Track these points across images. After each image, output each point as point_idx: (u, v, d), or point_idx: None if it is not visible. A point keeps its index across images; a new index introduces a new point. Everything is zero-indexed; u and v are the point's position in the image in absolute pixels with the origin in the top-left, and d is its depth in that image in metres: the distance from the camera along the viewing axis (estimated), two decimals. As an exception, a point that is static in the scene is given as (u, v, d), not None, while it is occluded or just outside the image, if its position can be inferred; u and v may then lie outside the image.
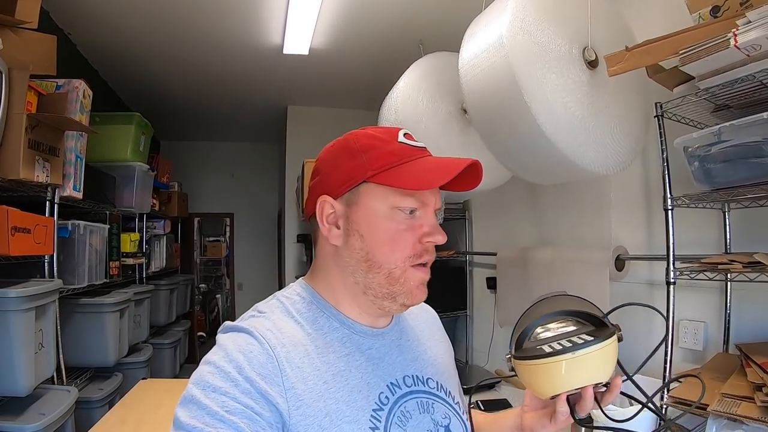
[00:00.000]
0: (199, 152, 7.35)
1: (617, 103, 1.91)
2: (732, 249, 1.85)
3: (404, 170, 0.88)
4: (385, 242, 0.89)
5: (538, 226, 3.10)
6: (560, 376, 0.84)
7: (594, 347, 0.83)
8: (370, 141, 0.92)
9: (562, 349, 0.84)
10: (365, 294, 0.92)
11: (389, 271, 0.89)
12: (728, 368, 1.67)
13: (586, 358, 0.83)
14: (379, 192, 0.89)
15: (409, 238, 0.89)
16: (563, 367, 0.83)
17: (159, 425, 2.22)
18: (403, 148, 0.91)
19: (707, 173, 1.59)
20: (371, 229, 0.89)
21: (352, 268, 0.92)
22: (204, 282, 9.38)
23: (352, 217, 0.91)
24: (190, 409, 0.75)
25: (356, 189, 0.90)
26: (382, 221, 0.89)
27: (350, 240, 0.91)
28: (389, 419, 0.87)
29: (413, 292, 0.91)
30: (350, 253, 0.91)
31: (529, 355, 0.88)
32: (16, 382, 2.09)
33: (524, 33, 1.75)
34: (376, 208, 0.89)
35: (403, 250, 0.89)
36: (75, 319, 3.02)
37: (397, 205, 0.89)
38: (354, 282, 0.92)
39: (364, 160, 0.90)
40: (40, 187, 2.46)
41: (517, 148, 1.94)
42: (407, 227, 0.89)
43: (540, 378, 0.87)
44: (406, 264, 0.89)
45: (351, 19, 3.45)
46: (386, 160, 0.89)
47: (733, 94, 1.57)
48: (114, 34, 3.64)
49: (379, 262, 0.89)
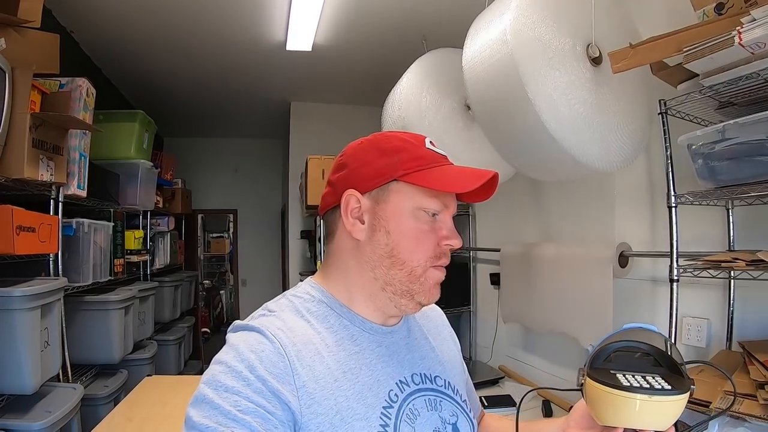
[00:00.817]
0: (203, 149, 7.35)
1: (621, 100, 1.91)
2: (735, 246, 1.85)
3: (434, 173, 0.91)
4: (411, 240, 0.91)
5: (542, 222, 3.10)
6: (628, 412, 0.83)
7: (672, 397, 0.82)
8: (401, 143, 0.95)
9: (640, 387, 0.82)
10: (383, 290, 0.93)
11: (411, 269, 0.91)
12: (731, 365, 1.67)
13: (660, 405, 0.82)
14: (407, 191, 0.92)
15: (431, 239, 0.92)
16: (636, 405, 0.81)
17: (164, 422, 2.23)
18: (432, 154, 0.95)
19: (711, 171, 1.59)
20: (398, 225, 0.92)
21: (373, 264, 0.93)
22: (208, 278, 9.42)
23: (379, 213, 0.93)
24: (203, 408, 0.75)
25: (386, 186, 0.93)
26: (408, 220, 0.92)
27: (376, 235, 0.93)
28: (398, 417, 0.88)
29: (430, 291, 0.94)
30: (374, 248, 0.93)
31: (605, 381, 0.86)
32: (22, 380, 2.10)
33: (528, 29, 1.75)
34: (403, 207, 0.92)
35: (426, 250, 0.92)
36: (80, 317, 3.02)
37: (423, 205, 0.92)
38: (373, 278, 0.94)
39: (396, 160, 0.92)
40: (45, 185, 2.47)
41: (520, 144, 1.94)
42: (430, 228, 0.92)
43: (607, 406, 0.86)
44: (428, 264, 0.92)
45: (354, 15, 3.45)
46: (417, 162, 0.92)
47: (738, 92, 1.56)
48: (117, 32, 3.65)
49: (402, 259, 0.91)
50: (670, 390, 0.82)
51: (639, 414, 0.82)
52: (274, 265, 7.53)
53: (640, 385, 0.83)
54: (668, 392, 0.81)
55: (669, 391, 0.82)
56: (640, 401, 0.81)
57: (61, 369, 2.51)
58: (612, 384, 0.84)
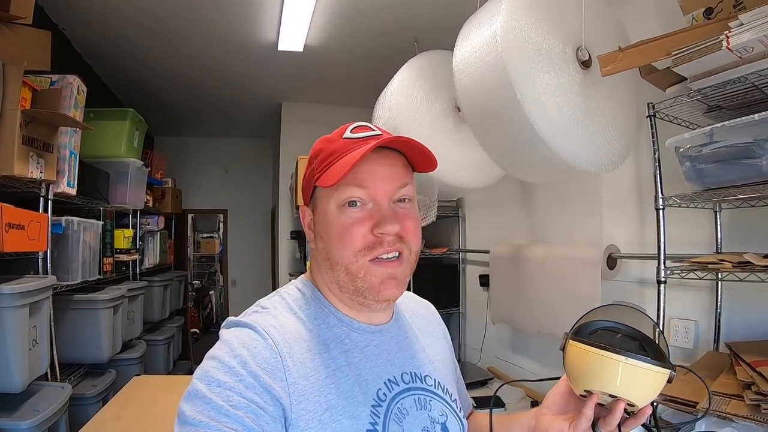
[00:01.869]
0: (193, 148, 7.32)
1: (610, 103, 1.93)
2: (723, 248, 1.87)
3: (333, 168, 0.89)
4: (336, 239, 0.90)
5: (531, 224, 3.12)
6: (609, 375, 0.83)
7: (654, 368, 0.83)
8: (320, 145, 0.96)
9: (621, 350, 0.83)
10: (341, 291, 0.94)
11: (346, 267, 0.90)
12: (718, 366, 1.69)
13: (640, 372, 0.82)
14: (325, 192, 0.92)
15: (357, 232, 0.89)
16: (618, 368, 0.82)
17: (152, 421, 2.22)
18: (344, 144, 0.92)
19: (698, 173, 1.61)
20: (326, 228, 0.92)
21: (322, 268, 0.96)
22: (198, 278, 9.39)
23: (316, 221, 0.96)
24: (195, 403, 0.75)
25: (314, 194, 0.96)
26: (333, 220, 0.91)
27: (317, 242, 0.96)
28: (387, 415, 0.88)
29: (376, 288, 0.90)
30: (318, 254, 0.97)
31: (589, 341, 0.87)
32: (9, 378, 2.09)
33: (518, 32, 1.76)
34: (328, 209, 0.92)
35: (353, 245, 0.89)
36: (69, 316, 3.01)
37: (340, 199, 0.90)
38: (330, 280, 0.95)
39: (314, 166, 0.95)
40: (34, 183, 2.46)
41: (510, 146, 1.95)
42: (355, 221, 0.89)
43: (589, 367, 0.86)
44: (360, 258, 0.89)
45: (346, 16, 3.45)
46: (327, 160, 0.91)
47: (726, 96, 1.58)
48: (108, 30, 3.63)
49: (335, 259, 0.91)
50: (654, 361, 0.83)
51: (620, 378, 0.83)
52: (264, 265, 7.51)
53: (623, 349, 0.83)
54: (651, 361, 0.82)
55: (651, 360, 0.83)
56: (623, 364, 0.82)
57: (49, 368, 2.50)
58: (593, 343, 0.85)
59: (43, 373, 2.42)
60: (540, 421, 0.98)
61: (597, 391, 0.86)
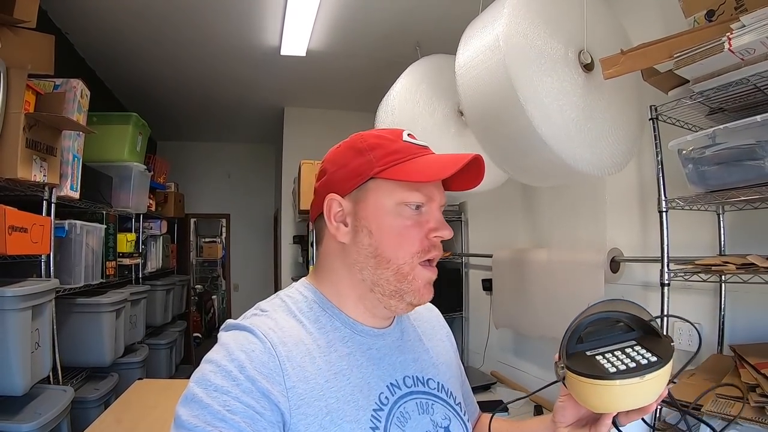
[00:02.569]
0: (196, 153, 7.35)
1: (612, 105, 1.93)
2: (726, 251, 1.87)
3: (410, 165, 0.90)
4: (394, 237, 0.90)
5: (534, 227, 3.11)
6: (619, 399, 0.81)
7: (660, 371, 0.80)
8: (375, 140, 0.94)
9: (627, 369, 0.80)
10: (372, 291, 0.92)
11: (398, 267, 0.89)
12: (722, 369, 1.69)
13: (650, 382, 0.79)
14: (386, 188, 0.91)
15: (416, 234, 0.90)
16: (625, 390, 0.79)
17: (154, 425, 2.22)
18: (408, 146, 0.93)
19: (701, 175, 1.61)
20: (379, 224, 0.90)
21: (360, 265, 0.92)
22: (200, 283, 9.39)
23: (360, 214, 0.92)
24: (192, 407, 0.75)
25: (364, 186, 0.92)
26: (390, 217, 0.90)
27: (358, 236, 0.92)
28: (389, 419, 0.87)
29: (420, 290, 0.92)
30: (358, 250, 0.92)
31: (587, 372, 0.83)
32: (12, 381, 2.09)
33: (520, 36, 1.76)
34: (384, 204, 0.90)
35: (411, 246, 0.90)
36: (71, 319, 3.01)
37: (404, 200, 0.90)
38: (361, 279, 0.93)
39: (371, 157, 0.91)
40: (38, 186, 2.46)
41: (513, 150, 1.95)
42: (414, 223, 0.90)
43: (596, 397, 0.83)
44: (415, 260, 0.90)
45: (348, 21, 3.46)
46: (393, 156, 0.91)
47: (728, 98, 1.58)
48: (111, 35, 3.65)
49: (387, 258, 0.90)
50: (656, 362, 0.80)
51: (630, 396, 0.80)
52: (266, 269, 7.52)
53: (626, 366, 0.81)
54: (654, 366, 0.80)
55: (655, 364, 0.80)
56: (630, 386, 0.79)
57: (51, 371, 2.50)
58: (594, 375, 0.81)
59: (45, 376, 2.42)
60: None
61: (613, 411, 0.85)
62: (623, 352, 0.84)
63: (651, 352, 0.82)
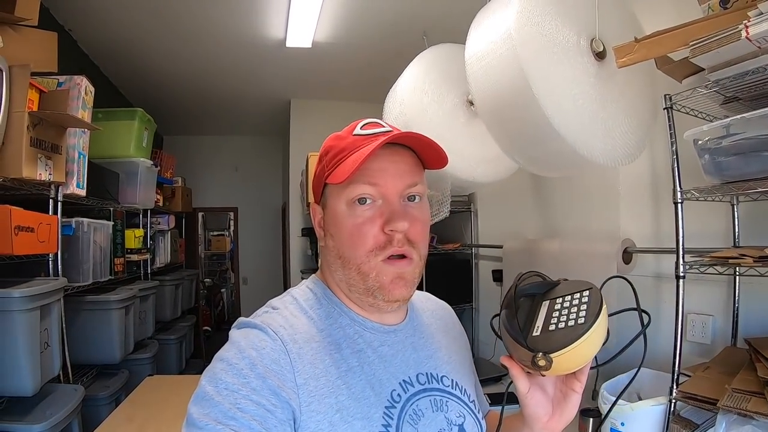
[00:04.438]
0: (203, 147, 7.35)
1: (625, 94, 1.89)
2: (740, 242, 1.84)
3: (343, 164, 0.89)
4: (347, 238, 0.90)
5: (545, 218, 3.09)
6: (589, 348, 0.82)
7: (603, 312, 0.84)
8: (330, 142, 0.96)
9: (586, 316, 0.83)
10: (351, 291, 0.93)
11: (358, 267, 0.89)
12: (737, 362, 1.66)
13: (602, 324, 0.83)
14: (335, 190, 0.92)
15: (367, 231, 0.88)
16: (593, 338, 0.81)
17: (165, 422, 2.22)
18: (354, 141, 0.91)
19: (717, 166, 1.57)
20: (337, 227, 0.92)
21: (333, 267, 0.95)
22: (209, 276, 9.41)
23: (326, 219, 0.96)
24: (203, 405, 0.75)
25: (324, 191, 0.96)
26: (344, 218, 0.90)
27: (327, 241, 0.96)
28: (401, 417, 0.86)
29: (387, 287, 0.89)
30: (329, 252, 0.95)
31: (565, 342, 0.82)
32: (21, 381, 2.09)
33: (532, 24, 1.73)
34: (338, 207, 0.91)
35: (364, 244, 0.88)
36: (80, 317, 3.01)
37: (350, 197, 0.89)
38: (339, 279, 0.94)
39: (324, 163, 0.94)
40: (43, 185, 2.45)
41: (524, 139, 1.92)
42: (365, 220, 0.89)
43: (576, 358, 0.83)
44: (372, 258, 0.88)
45: (354, 11, 3.44)
46: (336, 158, 0.91)
47: (743, 87, 1.54)
48: (115, 30, 3.63)
49: (346, 258, 0.90)
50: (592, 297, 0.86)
51: (595, 343, 0.83)
52: (275, 262, 7.53)
53: (584, 313, 0.84)
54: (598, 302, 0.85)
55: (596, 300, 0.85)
56: (593, 333, 0.82)
57: (61, 370, 2.50)
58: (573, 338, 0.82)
59: (55, 375, 2.42)
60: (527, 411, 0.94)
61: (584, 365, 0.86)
62: (557, 310, 0.88)
63: (572, 295, 0.88)
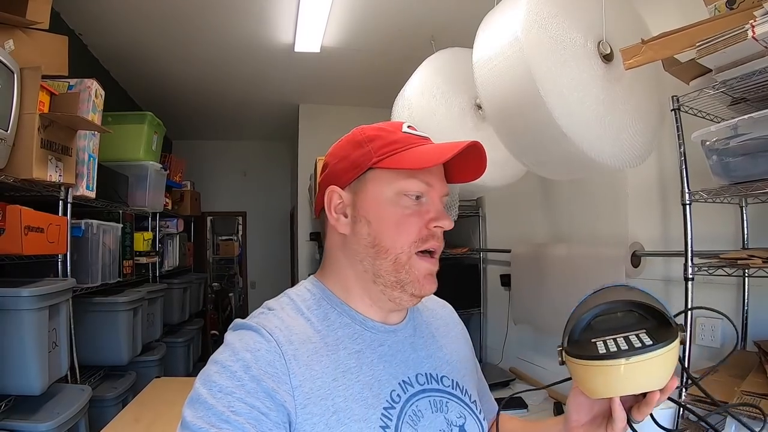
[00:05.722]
0: (212, 151, 7.38)
1: (633, 96, 1.89)
2: (749, 244, 1.83)
3: (408, 154, 0.90)
4: (391, 226, 0.90)
5: (553, 222, 3.08)
6: (615, 380, 0.78)
7: (656, 352, 0.76)
8: (374, 132, 0.95)
9: (618, 351, 0.77)
10: (375, 283, 0.92)
11: (396, 257, 0.89)
12: (747, 365, 1.65)
13: (646, 363, 0.76)
14: (385, 177, 0.91)
15: (415, 223, 0.90)
16: (621, 370, 0.76)
17: (172, 424, 2.21)
18: (408, 136, 0.94)
19: (726, 167, 1.57)
20: (378, 214, 0.91)
21: (360, 256, 0.92)
22: (217, 280, 9.40)
23: (359, 204, 0.93)
24: (197, 408, 0.75)
25: (363, 176, 0.93)
26: (389, 206, 0.90)
27: (357, 227, 0.92)
28: (401, 418, 0.86)
29: (420, 281, 0.91)
30: (358, 240, 0.92)
31: (584, 354, 0.81)
32: (29, 381, 2.09)
33: (539, 27, 1.73)
34: (382, 194, 0.91)
35: (409, 234, 0.89)
36: (89, 318, 3.02)
37: (403, 189, 0.90)
38: (363, 270, 0.93)
39: (370, 149, 0.92)
40: (53, 186, 2.47)
41: (532, 143, 1.92)
42: (413, 212, 0.90)
43: (593, 379, 0.81)
44: (412, 250, 0.90)
45: (362, 16, 3.44)
46: (391, 147, 0.91)
47: (751, 87, 1.54)
48: (125, 35, 3.66)
49: (385, 247, 0.89)
50: (652, 345, 0.76)
51: (628, 379, 0.77)
52: (283, 267, 7.53)
53: (617, 349, 0.77)
54: (650, 348, 0.76)
55: (651, 346, 0.76)
56: (624, 366, 0.76)
57: (69, 370, 2.51)
58: (589, 356, 0.80)
59: (62, 375, 2.43)
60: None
61: (612, 395, 0.81)
62: (625, 338, 0.80)
63: (653, 338, 0.78)
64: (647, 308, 0.85)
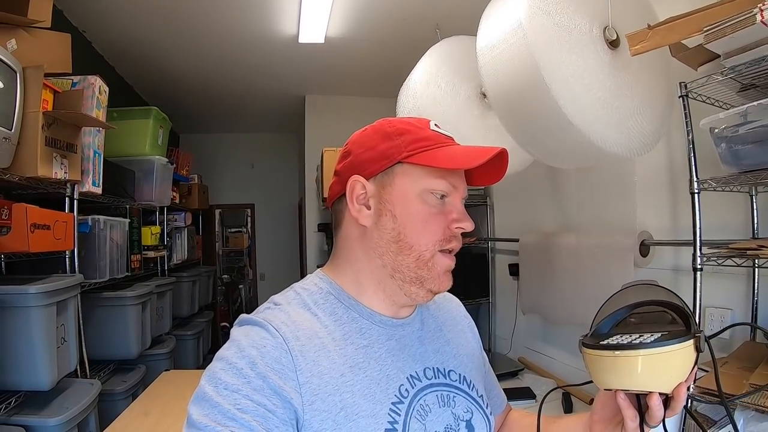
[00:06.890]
0: (218, 144, 7.41)
1: (640, 83, 1.86)
2: (759, 233, 1.80)
3: (439, 152, 0.89)
4: (418, 223, 0.89)
5: (561, 211, 3.05)
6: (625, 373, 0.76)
7: (669, 348, 0.74)
8: (404, 126, 0.93)
9: (627, 345, 0.76)
10: (393, 278, 0.91)
11: (419, 254, 0.88)
12: (756, 357, 1.63)
13: (659, 358, 0.74)
14: (413, 173, 0.90)
15: (439, 222, 0.90)
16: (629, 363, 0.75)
17: (182, 416, 2.22)
18: (436, 135, 0.93)
19: (735, 155, 1.54)
20: (405, 209, 0.89)
21: (381, 250, 0.91)
22: (227, 273, 9.43)
23: (385, 197, 0.91)
24: (202, 406, 0.74)
25: (391, 169, 0.91)
26: (417, 203, 0.89)
27: (381, 220, 0.91)
28: (409, 413, 0.85)
29: (440, 277, 0.90)
30: (380, 234, 0.91)
31: (597, 345, 0.81)
32: (38, 376, 2.11)
33: (543, 13, 1.70)
34: (409, 189, 0.90)
35: (434, 234, 0.89)
36: (98, 313, 3.04)
37: (430, 187, 0.89)
38: (381, 265, 0.91)
39: (400, 142, 0.90)
40: (59, 183, 2.48)
41: (538, 131, 1.90)
42: (438, 211, 0.90)
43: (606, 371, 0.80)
44: (436, 248, 0.89)
45: (366, 5, 3.43)
46: (421, 143, 0.90)
47: (760, 73, 1.51)
48: (128, 30, 3.66)
49: (410, 243, 0.89)
50: (655, 342, 0.75)
51: (639, 373, 0.76)
52: (292, 258, 7.56)
53: (629, 342, 0.77)
54: (650, 345, 0.74)
55: (653, 343, 0.74)
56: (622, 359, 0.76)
57: (78, 365, 2.53)
58: (603, 346, 0.80)
59: (72, 370, 2.45)
60: (594, 429, 0.93)
61: (624, 389, 0.80)
62: (639, 335, 0.79)
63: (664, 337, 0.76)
64: (677, 310, 0.85)
